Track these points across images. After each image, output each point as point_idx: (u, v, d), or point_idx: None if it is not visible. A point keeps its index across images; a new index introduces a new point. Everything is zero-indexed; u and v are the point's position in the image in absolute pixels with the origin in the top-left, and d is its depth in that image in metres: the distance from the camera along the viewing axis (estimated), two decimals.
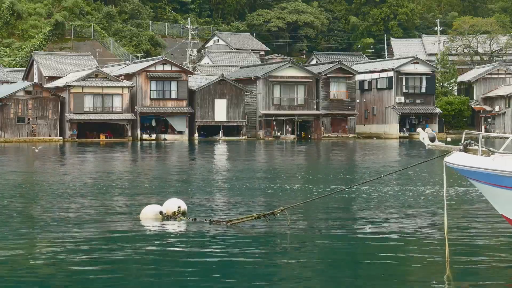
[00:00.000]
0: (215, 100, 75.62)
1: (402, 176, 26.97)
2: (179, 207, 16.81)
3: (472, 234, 14.82)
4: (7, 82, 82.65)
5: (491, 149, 12.49)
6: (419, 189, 23.08)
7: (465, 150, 12.59)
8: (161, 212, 16.74)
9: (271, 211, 15.60)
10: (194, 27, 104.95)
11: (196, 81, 76.95)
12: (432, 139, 12.74)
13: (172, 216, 16.61)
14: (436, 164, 30.38)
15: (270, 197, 21.72)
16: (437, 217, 17.02)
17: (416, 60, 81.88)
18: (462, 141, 12.69)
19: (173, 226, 15.96)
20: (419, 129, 13.37)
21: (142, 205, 17.95)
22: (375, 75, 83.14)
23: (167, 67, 75.37)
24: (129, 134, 72.97)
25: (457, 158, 12.54)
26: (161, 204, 17.14)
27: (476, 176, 12.54)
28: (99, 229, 15.62)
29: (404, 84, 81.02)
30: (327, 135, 78.47)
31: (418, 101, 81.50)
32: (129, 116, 72.92)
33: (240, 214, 17.00)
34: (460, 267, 11.78)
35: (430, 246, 13.53)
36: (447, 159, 12.68)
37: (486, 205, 16.82)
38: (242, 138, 75.28)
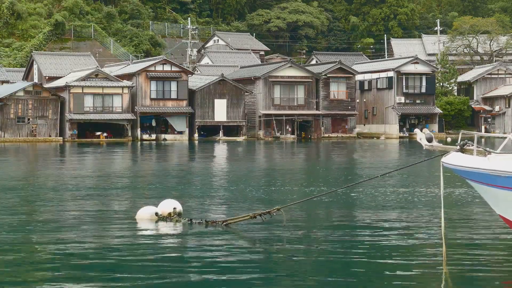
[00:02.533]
0: (215, 100, 75.61)
1: (399, 176, 26.97)
2: (174, 208, 16.79)
3: (469, 234, 14.81)
4: (7, 82, 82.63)
5: (487, 149, 12.51)
6: (416, 189, 23.07)
7: (462, 150, 12.61)
8: (156, 214, 16.72)
9: (267, 210, 15.59)
10: (194, 27, 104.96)
11: (196, 81, 76.95)
12: (429, 140, 12.75)
13: (168, 217, 16.60)
14: (434, 164, 30.41)
15: (268, 198, 21.70)
16: (434, 217, 17.03)
17: (416, 60, 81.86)
18: (459, 142, 12.71)
19: (169, 227, 15.94)
20: (416, 130, 13.36)
21: (139, 206, 17.94)
22: (375, 75, 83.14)
23: (167, 67, 75.37)
24: (129, 134, 72.97)
25: (454, 158, 12.56)
26: (156, 206, 17.13)
27: (472, 176, 12.57)
28: (95, 230, 15.61)
29: (404, 84, 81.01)
30: (327, 135, 78.46)
31: (418, 101, 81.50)
32: (129, 116, 72.93)
33: (237, 214, 16.98)
34: (457, 267, 11.78)
35: (427, 246, 13.53)
36: (444, 159, 12.70)
37: (483, 205, 16.83)
38: (242, 138, 75.27)
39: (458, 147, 12.61)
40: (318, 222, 16.72)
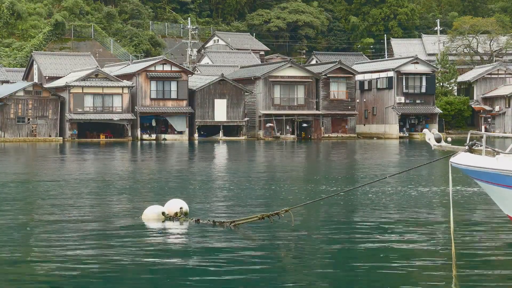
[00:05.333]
0: (215, 100, 75.58)
1: (405, 176, 26.91)
2: (181, 208, 16.76)
3: (478, 234, 14.76)
4: (7, 82, 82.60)
5: (496, 149, 12.48)
6: (422, 190, 23.03)
7: (470, 150, 12.58)
8: (163, 213, 16.69)
9: (276, 212, 15.50)
10: (194, 27, 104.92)
11: (196, 81, 76.92)
12: (438, 140, 12.73)
13: (175, 217, 16.56)
14: (439, 164, 30.37)
15: (273, 198, 21.67)
16: (442, 218, 16.98)
17: (416, 60, 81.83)
18: (467, 142, 12.68)
19: (176, 227, 15.91)
20: (425, 130, 13.35)
21: (144, 206, 17.90)
22: (375, 75, 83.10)
23: (167, 67, 75.34)
24: (129, 134, 72.93)
25: (462, 159, 12.54)
26: (162, 205, 17.09)
27: (481, 176, 12.55)
28: (101, 230, 15.56)
29: (404, 84, 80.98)
30: (327, 135, 78.42)
31: (418, 101, 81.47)
32: (129, 116, 72.89)
33: (243, 215, 16.94)
34: (467, 267, 11.73)
35: (435, 246, 13.48)
36: (453, 159, 12.67)
37: (491, 205, 16.79)
38: (242, 138, 75.25)
39: (466, 147, 12.59)
40: (325, 223, 16.67)
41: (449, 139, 13.95)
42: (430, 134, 12.74)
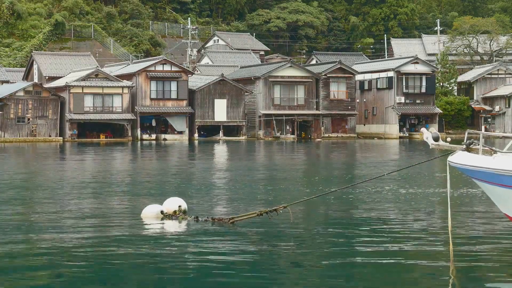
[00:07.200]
0: (215, 100, 75.62)
1: (403, 175, 26.95)
2: (179, 206, 16.81)
3: (475, 233, 14.79)
4: (7, 82, 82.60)
5: (493, 148, 12.51)
6: (421, 189, 23.06)
7: (468, 149, 12.62)
8: (162, 212, 16.75)
9: (274, 208, 15.57)
10: (194, 27, 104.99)
11: (196, 81, 76.95)
12: (435, 139, 12.77)
13: (173, 215, 16.62)
14: (434, 163, 30.42)
15: (272, 195, 21.69)
16: (440, 216, 17.02)
17: (416, 60, 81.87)
18: (465, 141, 12.72)
19: (175, 225, 15.95)
20: (423, 129, 13.38)
21: (143, 204, 17.94)
22: (375, 75, 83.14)
23: (167, 67, 75.38)
24: (129, 134, 72.96)
25: (460, 158, 12.57)
26: (161, 204, 17.13)
27: (478, 175, 12.57)
28: (100, 229, 15.59)
29: (404, 84, 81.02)
30: (327, 135, 78.47)
31: (418, 101, 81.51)
32: (129, 116, 72.92)
33: (242, 212, 16.97)
34: (464, 266, 11.77)
35: (433, 245, 13.51)
36: (450, 158, 12.71)
37: (490, 203, 16.82)
38: (242, 138, 75.29)
39: (464, 146, 12.62)
40: (323, 220, 16.72)
41: (448, 139, 13.98)
42: (428, 133, 12.78)
